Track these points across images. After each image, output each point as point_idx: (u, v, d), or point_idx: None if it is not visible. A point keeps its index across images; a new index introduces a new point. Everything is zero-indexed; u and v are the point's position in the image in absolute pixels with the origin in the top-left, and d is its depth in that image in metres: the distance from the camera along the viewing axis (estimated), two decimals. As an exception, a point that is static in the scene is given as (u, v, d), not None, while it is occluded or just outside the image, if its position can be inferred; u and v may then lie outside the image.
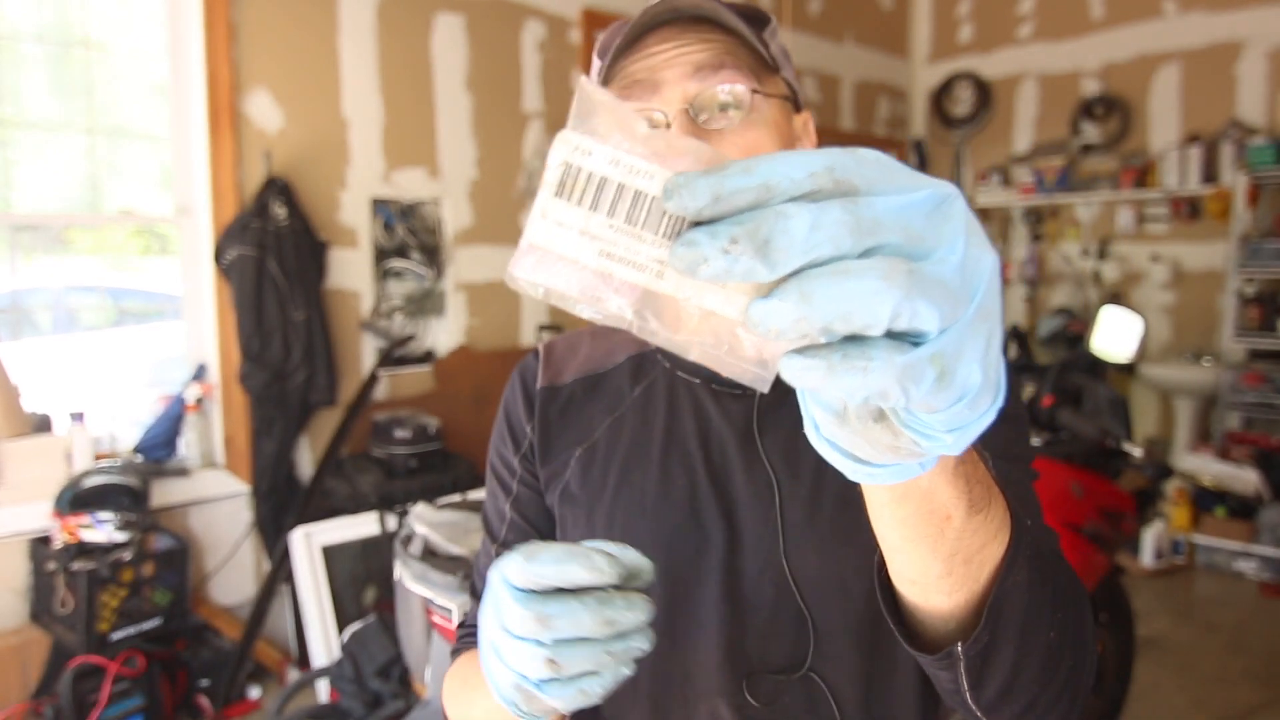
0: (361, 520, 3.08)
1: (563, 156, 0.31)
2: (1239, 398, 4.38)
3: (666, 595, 0.77)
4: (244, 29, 3.08)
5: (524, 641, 0.52)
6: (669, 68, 0.72)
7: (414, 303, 3.59)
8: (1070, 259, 5.41)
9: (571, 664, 0.51)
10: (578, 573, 0.52)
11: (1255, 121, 4.67)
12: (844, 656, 0.74)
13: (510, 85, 3.83)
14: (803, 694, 0.74)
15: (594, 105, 0.31)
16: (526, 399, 0.88)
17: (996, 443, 0.76)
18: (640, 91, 0.73)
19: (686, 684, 0.77)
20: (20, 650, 2.69)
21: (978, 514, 0.48)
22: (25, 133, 3.02)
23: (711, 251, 0.29)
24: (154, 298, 3.39)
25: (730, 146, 0.73)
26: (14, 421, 2.75)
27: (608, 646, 0.51)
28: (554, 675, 0.52)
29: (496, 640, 0.55)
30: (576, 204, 0.31)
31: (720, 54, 0.73)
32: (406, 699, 2.36)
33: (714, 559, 0.77)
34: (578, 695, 0.52)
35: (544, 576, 0.52)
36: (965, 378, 0.31)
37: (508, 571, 0.53)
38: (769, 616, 0.75)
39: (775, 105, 0.76)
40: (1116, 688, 2.59)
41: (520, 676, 0.53)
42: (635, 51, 0.74)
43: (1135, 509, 2.46)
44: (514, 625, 0.52)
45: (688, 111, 0.72)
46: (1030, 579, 0.52)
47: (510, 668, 0.54)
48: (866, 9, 5.62)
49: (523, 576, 0.52)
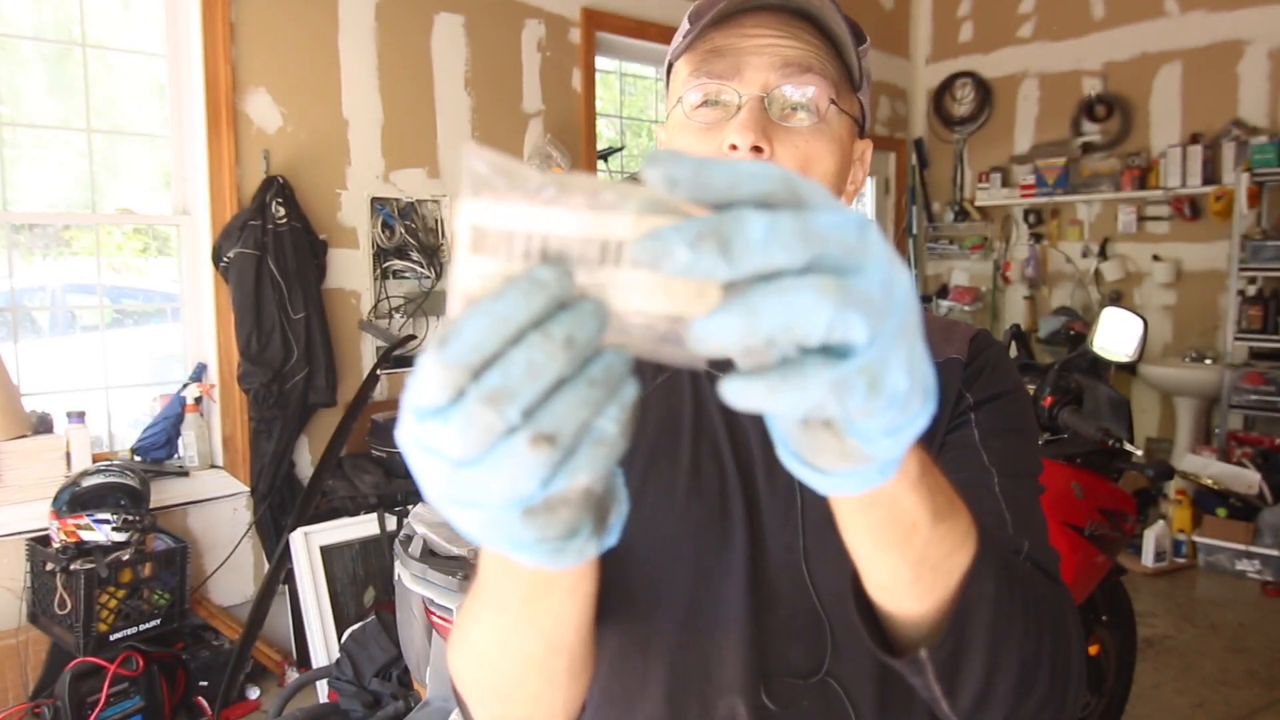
0: (361, 520, 3.08)
1: (470, 222, 0.32)
2: (1240, 398, 4.38)
3: (690, 590, 0.76)
4: (243, 28, 3.08)
5: (491, 454, 0.33)
6: (758, 54, 0.72)
7: (413, 302, 3.59)
8: (1071, 259, 5.40)
9: (562, 422, 0.33)
10: (518, 308, 0.32)
11: (1257, 121, 4.66)
12: (860, 661, 0.74)
13: (510, 85, 3.83)
14: (820, 697, 0.74)
15: (480, 177, 0.32)
16: None
17: (1006, 459, 0.76)
18: (721, 67, 0.73)
19: (705, 680, 0.76)
20: (19, 651, 2.69)
21: (942, 523, 0.51)
22: (24, 132, 3.02)
23: (678, 246, 0.31)
24: (153, 298, 3.39)
25: (791, 149, 0.73)
26: (13, 421, 2.75)
27: (586, 376, 0.33)
28: (553, 456, 0.33)
29: (460, 492, 0.35)
30: (493, 254, 0.33)
31: (812, 57, 0.72)
32: (406, 699, 2.36)
33: (738, 556, 0.76)
34: (597, 449, 0.34)
35: (479, 349, 0.32)
36: (893, 385, 0.34)
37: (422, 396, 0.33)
38: (787, 617, 0.75)
39: (845, 122, 0.76)
40: (1117, 688, 2.58)
41: (517, 501, 0.35)
42: (729, 26, 0.73)
43: (1136, 509, 2.45)
44: (465, 447, 0.33)
45: (762, 100, 0.72)
46: (999, 592, 0.55)
47: (499, 503, 0.35)
48: (867, 9, 5.61)
49: (443, 380, 0.32)
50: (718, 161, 0.32)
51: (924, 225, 6.07)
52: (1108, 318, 2.49)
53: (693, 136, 0.76)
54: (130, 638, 2.63)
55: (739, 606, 0.75)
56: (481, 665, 0.65)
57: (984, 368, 0.80)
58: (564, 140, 3.95)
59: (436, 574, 2.12)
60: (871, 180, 5.99)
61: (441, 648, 2.09)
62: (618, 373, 0.34)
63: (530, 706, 0.66)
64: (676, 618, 0.77)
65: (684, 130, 0.77)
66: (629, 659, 0.79)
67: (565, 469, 0.34)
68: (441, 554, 2.20)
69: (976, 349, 0.81)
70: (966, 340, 0.82)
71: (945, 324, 0.85)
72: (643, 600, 0.78)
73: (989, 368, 0.81)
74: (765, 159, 0.70)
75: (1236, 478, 4.11)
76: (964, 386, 0.79)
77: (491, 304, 0.32)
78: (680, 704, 0.76)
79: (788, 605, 0.75)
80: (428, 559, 2.18)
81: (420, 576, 2.15)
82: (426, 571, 2.14)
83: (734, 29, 0.73)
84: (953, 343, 0.82)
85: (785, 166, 0.54)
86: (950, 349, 0.81)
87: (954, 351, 0.81)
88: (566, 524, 0.38)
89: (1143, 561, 4.12)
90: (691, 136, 0.76)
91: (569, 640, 0.61)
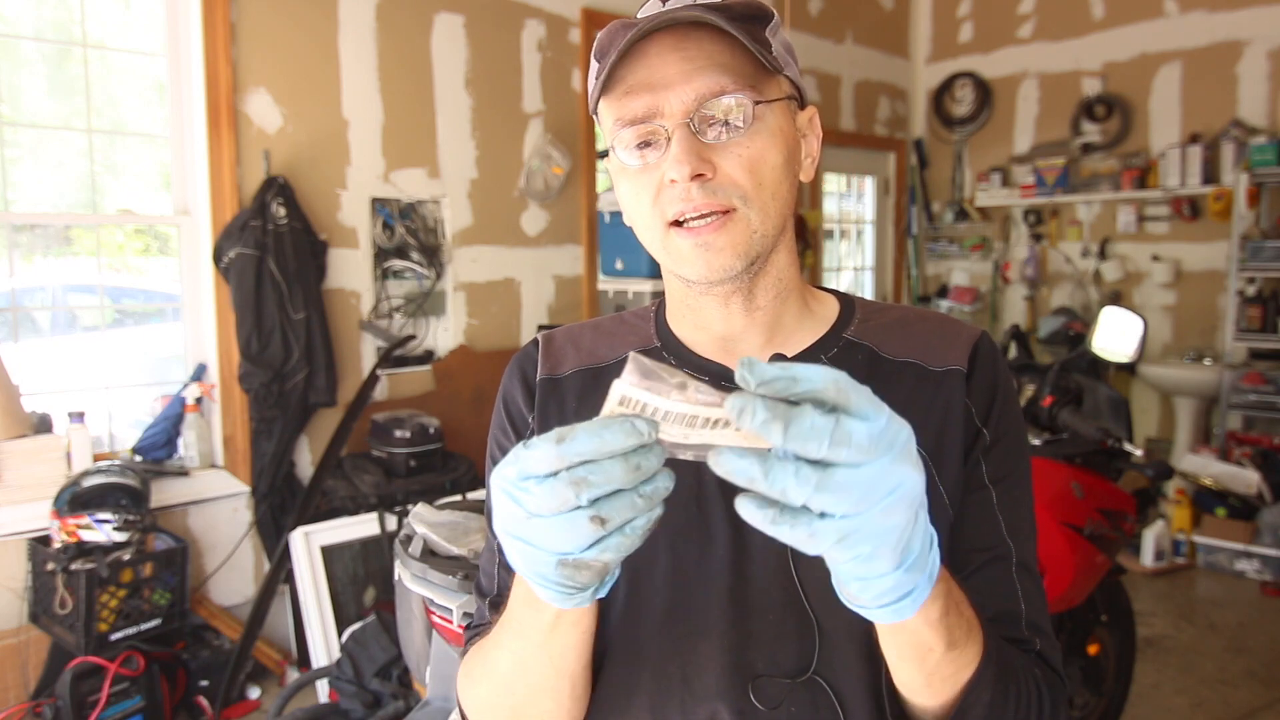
0: (361, 520, 3.08)
1: (620, 393, 0.52)
2: (1240, 398, 4.38)
3: (669, 596, 0.77)
4: (243, 28, 3.08)
5: (559, 517, 0.51)
6: (670, 85, 0.72)
7: (414, 302, 3.59)
8: (1071, 259, 5.41)
9: (614, 515, 0.51)
10: (617, 441, 0.49)
11: (1256, 121, 4.67)
12: (850, 663, 0.74)
13: (510, 85, 3.83)
14: (808, 700, 0.74)
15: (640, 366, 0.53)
16: (526, 388, 0.87)
17: (1018, 514, 0.79)
18: (639, 107, 0.73)
19: (685, 688, 0.76)
20: (19, 650, 2.69)
21: (955, 649, 0.64)
22: (25, 132, 3.02)
23: (759, 409, 0.46)
24: (154, 298, 3.39)
25: (733, 158, 0.73)
26: (14, 421, 2.75)
27: (639, 491, 0.51)
28: (599, 533, 0.51)
29: (525, 533, 0.54)
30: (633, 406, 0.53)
31: (723, 66, 0.72)
32: (406, 699, 2.36)
33: (719, 561, 0.76)
34: (625, 540, 0.53)
35: (583, 454, 0.50)
36: (860, 548, 0.49)
37: (530, 464, 0.51)
38: (776, 621, 0.75)
39: (779, 110, 0.76)
40: (1117, 688, 2.58)
41: (561, 553, 0.53)
42: (633, 60, 0.73)
43: (1136, 509, 2.45)
44: (545, 506, 0.51)
45: (688, 125, 0.72)
46: (994, 698, 0.67)
47: (548, 550, 0.53)
48: (867, 9, 5.61)
49: (550, 461, 0.50)
50: (783, 368, 0.47)
51: (924, 225, 6.07)
52: (1107, 318, 2.49)
53: (633, 181, 0.77)
54: (131, 637, 2.64)
55: (719, 613, 0.75)
56: (503, 689, 0.75)
57: (993, 391, 0.81)
58: (564, 140, 3.95)
59: (436, 574, 2.12)
60: (871, 180, 5.99)
61: (441, 647, 2.09)
62: (659, 494, 0.52)
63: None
64: (656, 627, 0.77)
65: (624, 176, 0.77)
66: (617, 669, 0.79)
67: (602, 544, 0.52)
68: (441, 554, 2.20)
69: (977, 360, 0.82)
70: (967, 349, 0.82)
71: (946, 324, 0.85)
72: (625, 611, 0.78)
73: (1000, 393, 0.81)
74: (709, 180, 0.72)
75: (1236, 478, 4.11)
76: (974, 409, 0.79)
77: (602, 428, 0.49)
78: (662, 712, 0.77)
79: (776, 607, 0.75)
80: (428, 559, 2.18)
81: (420, 576, 2.15)
82: (426, 571, 2.14)
83: (639, 62, 0.73)
84: (953, 348, 0.82)
85: (733, 176, 0.74)
86: (951, 356, 0.81)
87: (954, 361, 0.81)
88: (584, 582, 0.56)
89: (1142, 561, 4.12)
90: (632, 181, 0.77)
91: (573, 667, 0.73)
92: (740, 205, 0.74)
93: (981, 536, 0.78)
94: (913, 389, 0.79)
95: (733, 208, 0.74)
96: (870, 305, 0.88)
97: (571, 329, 0.92)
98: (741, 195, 0.74)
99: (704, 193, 0.72)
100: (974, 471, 0.79)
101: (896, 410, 0.49)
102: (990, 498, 0.79)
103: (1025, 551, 0.79)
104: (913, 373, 0.80)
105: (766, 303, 0.81)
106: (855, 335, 0.84)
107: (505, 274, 3.88)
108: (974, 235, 5.85)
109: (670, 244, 0.76)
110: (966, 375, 0.80)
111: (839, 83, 5.46)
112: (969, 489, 0.79)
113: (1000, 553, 0.78)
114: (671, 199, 0.74)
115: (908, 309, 0.88)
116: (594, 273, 4.20)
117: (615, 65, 0.73)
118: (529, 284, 3.97)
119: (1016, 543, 0.79)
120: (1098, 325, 2.50)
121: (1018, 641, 0.76)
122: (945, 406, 0.79)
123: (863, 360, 0.82)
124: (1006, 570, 0.78)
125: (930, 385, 0.80)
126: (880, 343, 0.83)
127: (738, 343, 0.83)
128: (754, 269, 0.77)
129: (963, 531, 0.78)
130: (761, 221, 0.75)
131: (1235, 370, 4.42)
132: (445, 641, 2.07)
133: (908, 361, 0.81)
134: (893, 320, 0.85)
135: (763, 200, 0.75)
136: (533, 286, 3.98)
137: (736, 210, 0.74)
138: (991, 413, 0.80)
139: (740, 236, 0.74)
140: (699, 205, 0.73)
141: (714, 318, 0.82)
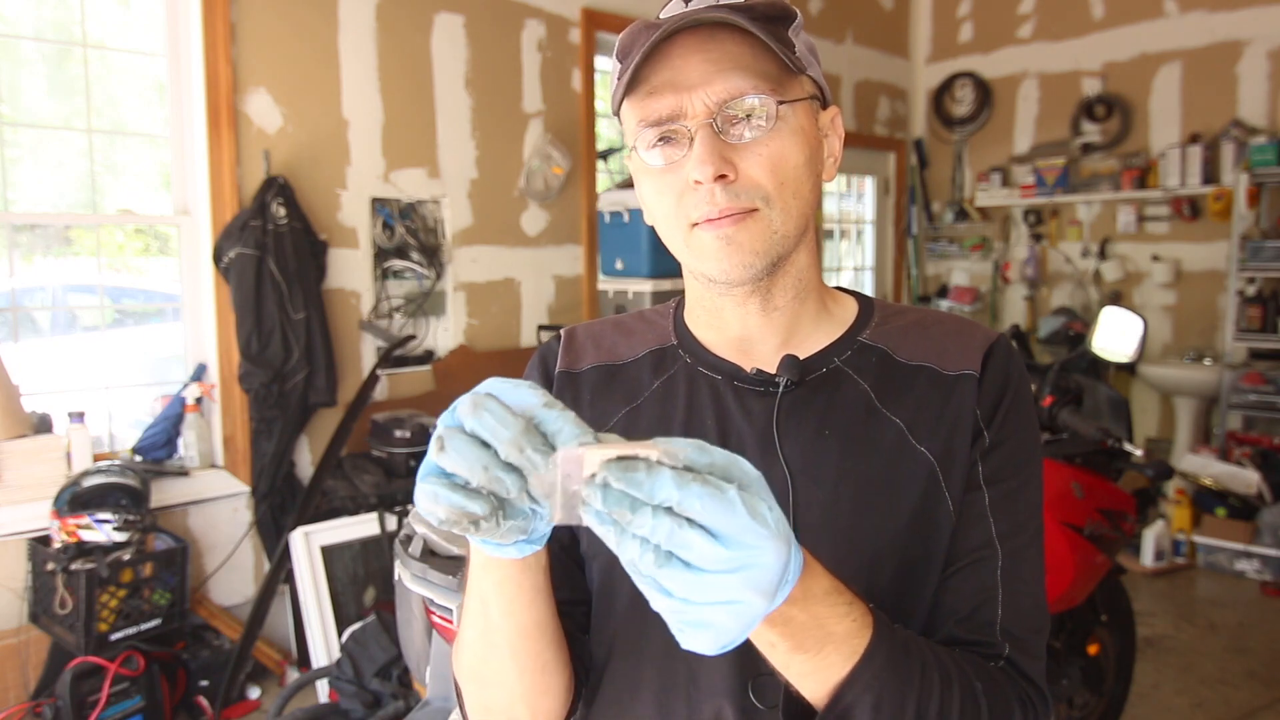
0: (361, 520, 3.08)
1: (563, 454, 0.53)
2: (1240, 398, 4.38)
3: None
4: (243, 28, 3.08)
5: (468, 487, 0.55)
6: (694, 87, 0.72)
7: (414, 302, 3.59)
8: (1071, 259, 5.41)
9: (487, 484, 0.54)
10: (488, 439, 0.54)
11: (1256, 121, 4.67)
12: None
13: (510, 85, 3.83)
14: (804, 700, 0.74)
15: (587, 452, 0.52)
16: (545, 379, 0.89)
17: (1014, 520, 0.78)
18: (662, 107, 0.73)
19: (692, 684, 0.76)
20: (19, 650, 2.69)
21: (801, 653, 0.61)
22: (25, 132, 3.02)
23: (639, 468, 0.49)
24: (154, 298, 3.39)
25: (755, 158, 0.73)
26: (14, 421, 2.75)
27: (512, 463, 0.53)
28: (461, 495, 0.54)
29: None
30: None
31: (745, 66, 0.72)
32: (406, 699, 2.36)
33: None
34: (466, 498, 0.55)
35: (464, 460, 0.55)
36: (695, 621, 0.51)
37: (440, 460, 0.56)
38: None
39: (801, 110, 0.76)
40: (1117, 688, 2.58)
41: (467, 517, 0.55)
42: (657, 60, 0.73)
43: (1136, 509, 2.45)
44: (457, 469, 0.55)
45: (711, 126, 0.72)
46: (880, 701, 0.64)
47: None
48: (867, 8, 5.62)
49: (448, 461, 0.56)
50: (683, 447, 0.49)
51: (924, 225, 6.07)
52: (1107, 317, 2.49)
53: (656, 181, 0.77)
54: (131, 637, 2.64)
55: None
56: (469, 650, 0.75)
57: (1001, 395, 0.80)
58: (564, 140, 3.95)
59: (436, 574, 2.12)
60: (871, 180, 5.99)
61: (441, 647, 2.09)
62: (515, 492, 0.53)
63: (499, 690, 0.75)
64: (661, 622, 0.77)
65: (647, 176, 0.78)
66: (622, 664, 0.79)
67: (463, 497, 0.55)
68: (441, 554, 2.20)
69: (990, 364, 0.81)
70: (981, 352, 0.81)
71: (964, 327, 0.85)
72: (630, 606, 0.78)
73: (1008, 397, 0.80)
74: (732, 182, 0.73)
75: (1236, 477, 4.12)
76: (979, 412, 0.79)
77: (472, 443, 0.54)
78: (668, 708, 0.77)
79: None
80: (428, 559, 2.18)
81: (420, 576, 2.15)
82: (426, 571, 2.14)
83: (662, 63, 0.73)
84: (966, 352, 0.81)
85: (755, 177, 0.74)
86: (964, 360, 0.81)
87: (968, 365, 0.80)
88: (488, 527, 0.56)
89: (1142, 561, 4.12)
90: (655, 181, 0.77)
91: (527, 623, 0.70)
92: (762, 206, 0.74)
93: (968, 538, 0.77)
94: (925, 393, 0.79)
95: (755, 209, 0.74)
96: (889, 307, 0.88)
97: (594, 325, 0.93)
98: (764, 196, 0.74)
99: (728, 195, 0.73)
100: (970, 472, 0.78)
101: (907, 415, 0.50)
102: (982, 499, 0.78)
103: (1021, 557, 0.78)
104: (926, 376, 0.80)
105: (784, 303, 0.81)
106: (871, 338, 0.83)
107: (505, 274, 3.88)
108: (974, 235, 5.86)
109: (694, 241, 0.76)
110: (979, 380, 0.80)
111: (839, 83, 5.46)
112: (964, 489, 0.78)
113: (984, 555, 0.77)
114: (696, 202, 0.74)
115: (927, 311, 0.88)
116: (594, 273, 4.20)
117: (639, 66, 0.73)
118: (529, 284, 3.97)
119: (1010, 547, 0.77)
120: (1098, 325, 2.50)
121: (981, 646, 0.75)
122: (956, 411, 0.79)
123: (876, 363, 0.82)
124: (989, 573, 0.77)
125: (942, 389, 0.80)
126: (896, 346, 0.83)
127: (754, 343, 0.83)
128: (774, 269, 0.78)
129: (953, 531, 0.78)
130: (783, 222, 0.75)
131: (1235, 370, 4.42)
132: (445, 641, 2.07)
133: (922, 365, 0.81)
134: (910, 323, 0.85)
135: (785, 200, 0.75)
136: (533, 286, 3.98)
137: (759, 211, 0.74)
138: (996, 416, 0.79)
139: (761, 236, 0.75)
140: (723, 209, 0.73)
141: (731, 318, 0.82)
